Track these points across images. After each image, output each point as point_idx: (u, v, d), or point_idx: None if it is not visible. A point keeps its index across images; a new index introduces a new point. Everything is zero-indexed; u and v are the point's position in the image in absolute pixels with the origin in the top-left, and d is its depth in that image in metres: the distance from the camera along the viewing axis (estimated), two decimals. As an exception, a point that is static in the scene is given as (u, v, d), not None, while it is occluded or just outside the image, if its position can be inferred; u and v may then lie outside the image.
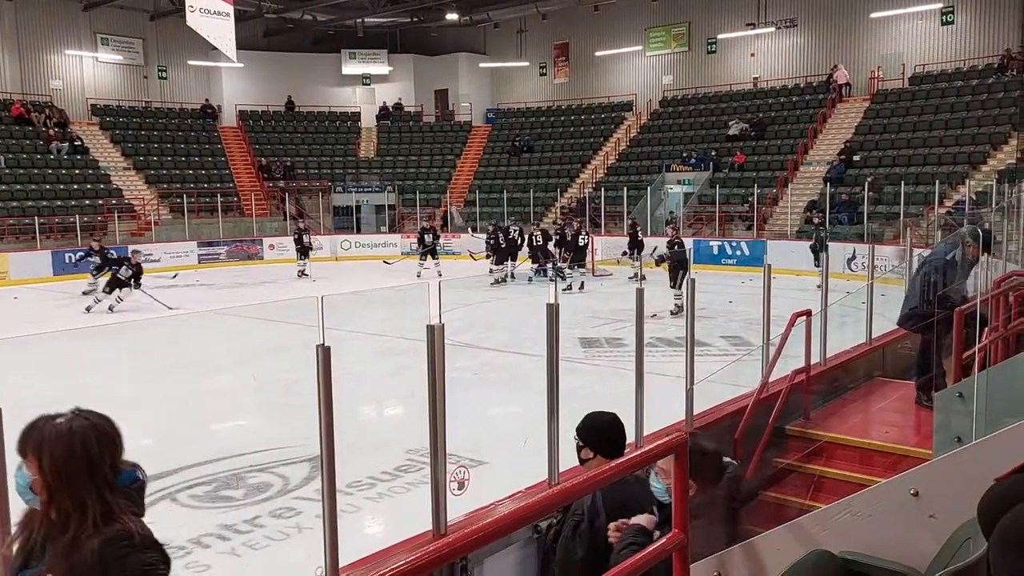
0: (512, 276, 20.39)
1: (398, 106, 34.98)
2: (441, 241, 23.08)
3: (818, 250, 17.79)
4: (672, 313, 14.50)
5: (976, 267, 6.36)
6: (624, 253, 21.28)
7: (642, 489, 3.05)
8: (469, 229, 20.92)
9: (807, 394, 6.11)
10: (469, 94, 35.52)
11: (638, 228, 22.17)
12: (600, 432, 3.32)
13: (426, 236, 21.91)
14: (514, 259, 20.79)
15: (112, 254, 18.22)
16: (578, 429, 3.36)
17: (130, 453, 2.05)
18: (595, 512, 3.11)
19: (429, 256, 21.69)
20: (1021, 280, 6.81)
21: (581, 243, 20.42)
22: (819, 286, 8.80)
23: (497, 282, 20.00)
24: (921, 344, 6.33)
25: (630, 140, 31.01)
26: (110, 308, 16.23)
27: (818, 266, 17.64)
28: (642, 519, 2.64)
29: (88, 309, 16.37)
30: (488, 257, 21.15)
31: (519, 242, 21.18)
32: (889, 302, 8.72)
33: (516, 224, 22.66)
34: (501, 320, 15.49)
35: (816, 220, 20.58)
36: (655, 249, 17.74)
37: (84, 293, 17.87)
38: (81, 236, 24.26)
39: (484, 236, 21.84)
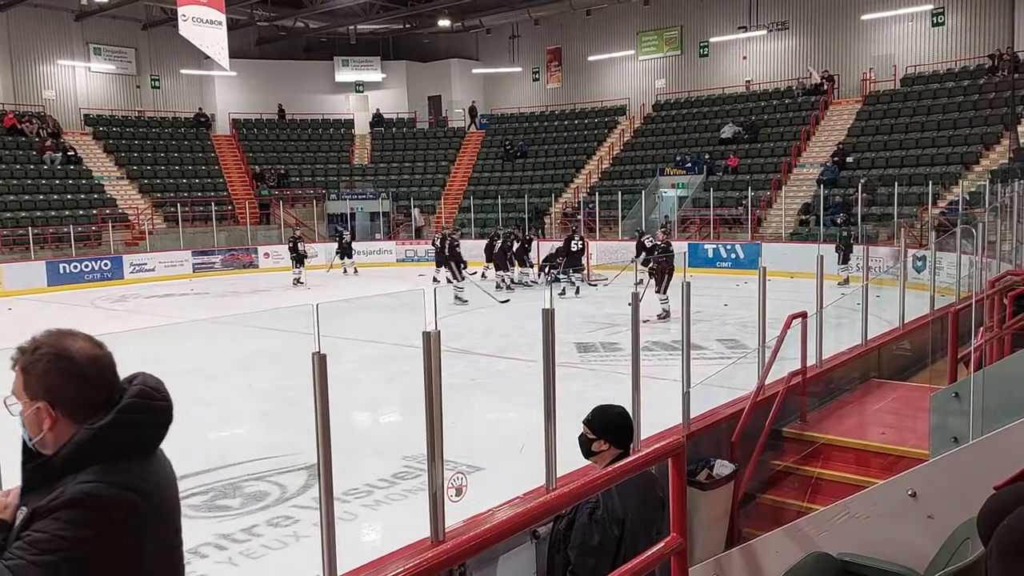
0: (513, 283, 20.25)
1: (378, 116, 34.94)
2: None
3: (844, 250, 18.41)
4: (659, 317, 14.50)
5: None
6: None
7: (646, 479, 3.16)
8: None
9: (803, 396, 6.10)
10: (462, 100, 35.57)
11: (644, 236, 21.41)
12: (613, 424, 3.40)
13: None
14: (511, 266, 20.75)
15: None
16: (589, 423, 3.40)
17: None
18: (609, 497, 3.15)
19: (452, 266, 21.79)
20: (1015, 280, 6.84)
21: (574, 248, 20.34)
22: (840, 284, 8.70)
23: (499, 287, 19.95)
24: None
25: (624, 144, 31.06)
26: None
27: (841, 265, 18.03)
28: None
29: None
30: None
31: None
32: (884, 303, 8.75)
33: (511, 231, 22.61)
34: (497, 326, 15.48)
35: (839, 221, 20.54)
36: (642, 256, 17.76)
37: None
38: (76, 246, 24.22)
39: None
